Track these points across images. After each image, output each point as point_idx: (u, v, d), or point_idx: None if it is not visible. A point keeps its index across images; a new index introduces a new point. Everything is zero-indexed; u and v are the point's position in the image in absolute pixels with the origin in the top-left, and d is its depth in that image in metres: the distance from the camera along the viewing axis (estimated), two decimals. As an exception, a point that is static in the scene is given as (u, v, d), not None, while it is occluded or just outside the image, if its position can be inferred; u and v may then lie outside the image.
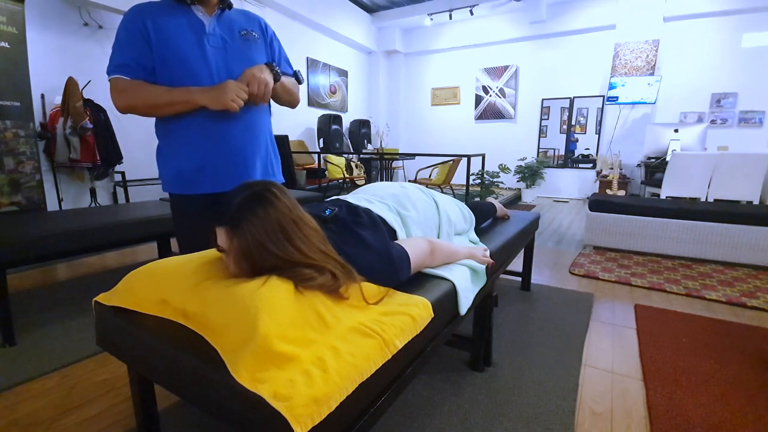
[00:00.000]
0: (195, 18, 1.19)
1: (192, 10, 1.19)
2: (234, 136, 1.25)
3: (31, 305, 2.13)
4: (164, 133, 1.26)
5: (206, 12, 1.21)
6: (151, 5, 1.18)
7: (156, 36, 1.13)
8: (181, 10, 1.18)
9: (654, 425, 1.22)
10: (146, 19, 1.13)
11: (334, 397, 0.63)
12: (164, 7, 1.18)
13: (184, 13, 1.18)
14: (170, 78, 1.16)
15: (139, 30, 1.13)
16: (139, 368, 0.97)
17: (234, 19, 1.27)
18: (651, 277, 2.59)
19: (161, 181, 1.30)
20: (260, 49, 1.31)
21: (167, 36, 1.14)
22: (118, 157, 3.83)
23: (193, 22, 1.18)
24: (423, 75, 7.63)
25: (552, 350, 1.68)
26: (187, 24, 1.18)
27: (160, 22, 1.14)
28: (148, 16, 1.14)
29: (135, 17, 1.14)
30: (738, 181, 3.54)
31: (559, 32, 6.16)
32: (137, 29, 1.13)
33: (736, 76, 5.20)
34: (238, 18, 1.29)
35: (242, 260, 0.81)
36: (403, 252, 1.00)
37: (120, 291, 0.94)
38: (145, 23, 1.13)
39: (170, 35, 1.15)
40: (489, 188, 5.90)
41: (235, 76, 1.20)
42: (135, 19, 1.13)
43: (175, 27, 1.15)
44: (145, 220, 2.10)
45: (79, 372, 1.51)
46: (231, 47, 1.23)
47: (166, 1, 1.19)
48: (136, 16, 1.14)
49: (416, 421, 1.24)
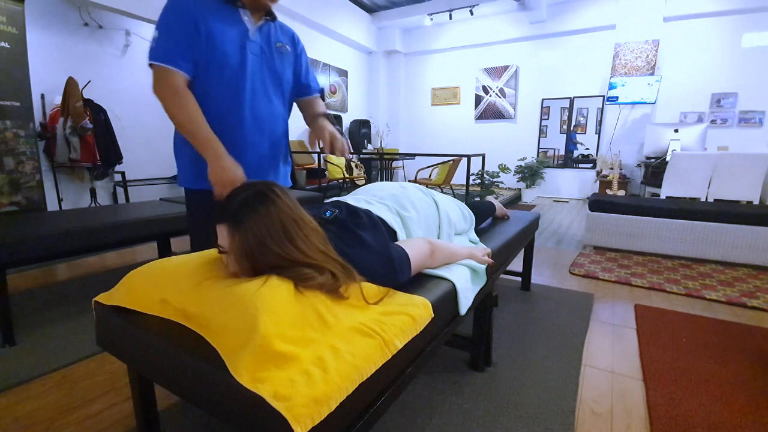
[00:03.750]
0: (242, 23, 1.20)
1: (240, 14, 1.20)
2: (257, 144, 1.29)
3: (31, 305, 2.13)
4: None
5: (252, 18, 1.23)
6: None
7: (206, 32, 1.13)
8: (229, 11, 1.19)
9: (654, 425, 1.22)
10: (199, 11, 1.12)
11: (334, 397, 0.63)
12: (216, 2, 1.16)
13: (231, 14, 1.19)
14: (207, 75, 1.17)
15: (193, 21, 1.11)
16: (139, 368, 0.97)
17: (272, 31, 1.30)
18: (651, 277, 2.59)
19: (178, 175, 1.32)
20: (290, 63, 1.35)
21: (215, 35, 1.14)
22: (118, 157, 3.84)
23: (240, 26, 1.20)
24: (423, 75, 7.63)
25: (552, 350, 1.68)
26: (234, 28, 1.19)
27: (211, 19, 1.14)
28: (201, 8, 1.13)
29: (188, 5, 1.12)
30: (738, 181, 3.54)
31: (559, 32, 6.16)
32: (191, 19, 1.11)
33: (736, 76, 5.20)
34: (276, 29, 1.31)
35: (243, 258, 0.81)
36: (404, 253, 1.00)
37: (120, 291, 0.94)
38: (198, 15, 1.12)
39: (218, 36, 1.15)
40: (489, 188, 5.90)
41: (265, 85, 1.27)
42: (189, 8, 1.12)
43: (223, 29, 1.16)
44: (145, 220, 2.10)
45: (79, 372, 1.51)
46: (267, 57, 1.27)
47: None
48: (190, 4, 1.12)
49: (416, 421, 1.24)
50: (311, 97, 1.45)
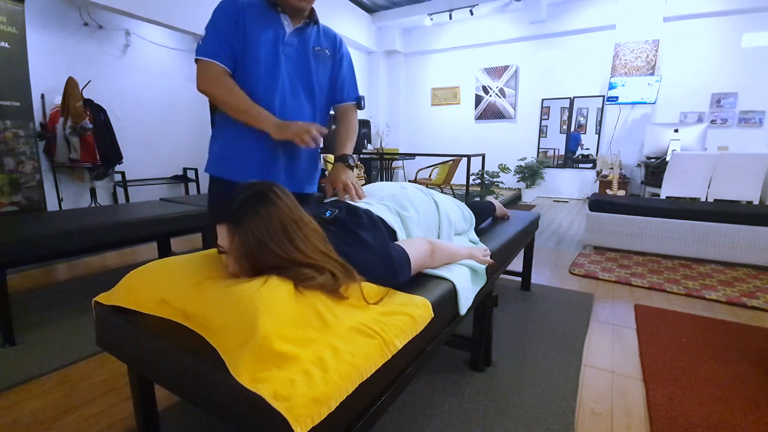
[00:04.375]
0: (280, 26, 1.26)
1: (280, 18, 1.25)
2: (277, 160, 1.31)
3: (31, 305, 2.13)
4: (225, 126, 1.31)
5: (292, 22, 1.27)
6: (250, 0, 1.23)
7: (245, 31, 1.20)
8: (270, 14, 1.24)
9: (654, 425, 1.22)
10: (243, 13, 1.20)
11: (334, 397, 0.63)
12: (259, 7, 1.23)
13: (271, 17, 1.24)
14: (242, 71, 1.23)
15: (235, 21, 1.19)
16: (139, 368, 0.97)
17: (312, 34, 1.32)
18: (651, 277, 2.59)
19: (208, 161, 1.36)
20: (327, 67, 1.37)
21: (253, 35, 1.21)
22: (118, 157, 3.84)
23: (277, 29, 1.25)
24: (423, 75, 7.63)
25: (552, 350, 1.68)
26: (272, 29, 1.24)
27: (252, 20, 1.21)
28: (245, 10, 1.20)
29: (234, 6, 1.20)
30: (738, 181, 3.54)
31: (559, 32, 6.16)
32: (234, 19, 1.19)
33: (736, 76, 5.20)
34: (318, 33, 1.34)
35: (243, 259, 0.81)
36: (404, 253, 1.00)
37: (120, 291, 0.94)
38: (241, 16, 1.19)
39: (255, 36, 1.21)
40: (489, 188, 5.90)
41: (296, 86, 1.29)
42: (234, 9, 1.19)
43: (261, 30, 1.22)
44: (145, 220, 2.10)
45: (79, 372, 1.51)
46: (302, 60, 1.30)
47: (261, 1, 1.24)
48: (236, 6, 1.20)
49: (416, 421, 1.24)
50: (345, 104, 1.43)
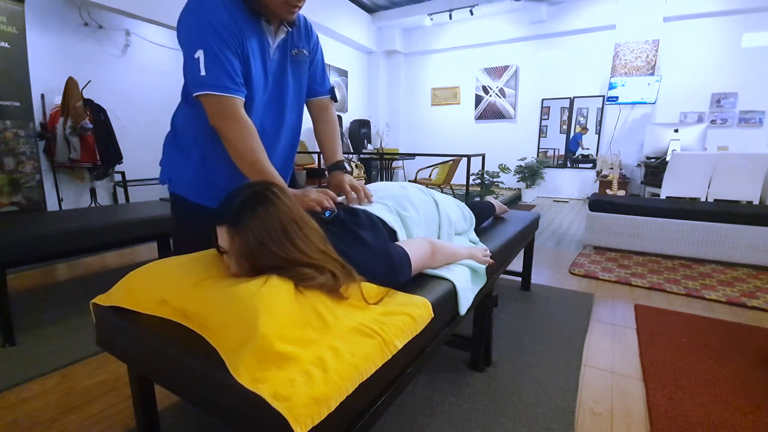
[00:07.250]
0: (265, 39, 1.13)
1: (262, 26, 1.12)
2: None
3: (31, 305, 2.13)
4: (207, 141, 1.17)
5: (275, 33, 1.15)
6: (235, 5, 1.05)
7: (243, 51, 1.07)
8: (254, 23, 1.10)
9: (654, 425, 1.22)
10: (237, 26, 1.03)
11: (334, 397, 0.63)
12: (243, 15, 1.06)
13: (257, 27, 1.10)
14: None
15: (237, 37, 1.03)
16: (139, 368, 0.97)
17: (288, 40, 1.20)
18: (651, 277, 2.59)
19: (171, 179, 1.22)
20: (305, 69, 1.28)
21: (248, 55, 1.08)
22: (118, 157, 3.83)
23: (263, 43, 1.13)
24: (423, 75, 7.63)
25: (552, 350, 1.68)
26: (258, 46, 1.12)
27: (245, 34, 1.06)
28: (236, 20, 1.04)
29: (231, 19, 1.02)
30: (738, 181, 3.54)
31: (559, 32, 6.16)
32: (236, 36, 1.03)
33: (736, 76, 5.20)
34: (292, 36, 1.21)
35: (243, 259, 0.81)
36: (404, 253, 1.00)
37: (119, 291, 0.93)
38: (237, 31, 1.03)
39: (250, 55, 1.09)
40: (489, 188, 5.90)
41: (280, 103, 1.22)
42: (231, 21, 1.02)
43: (253, 47, 1.09)
44: (145, 220, 2.10)
45: (79, 372, 1.51)
46: (282, 72, 1.21)
47: (241, 7, 1.06)
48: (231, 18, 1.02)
49: (416, 421, 1.24)
50: (321, 98, 1.38)
